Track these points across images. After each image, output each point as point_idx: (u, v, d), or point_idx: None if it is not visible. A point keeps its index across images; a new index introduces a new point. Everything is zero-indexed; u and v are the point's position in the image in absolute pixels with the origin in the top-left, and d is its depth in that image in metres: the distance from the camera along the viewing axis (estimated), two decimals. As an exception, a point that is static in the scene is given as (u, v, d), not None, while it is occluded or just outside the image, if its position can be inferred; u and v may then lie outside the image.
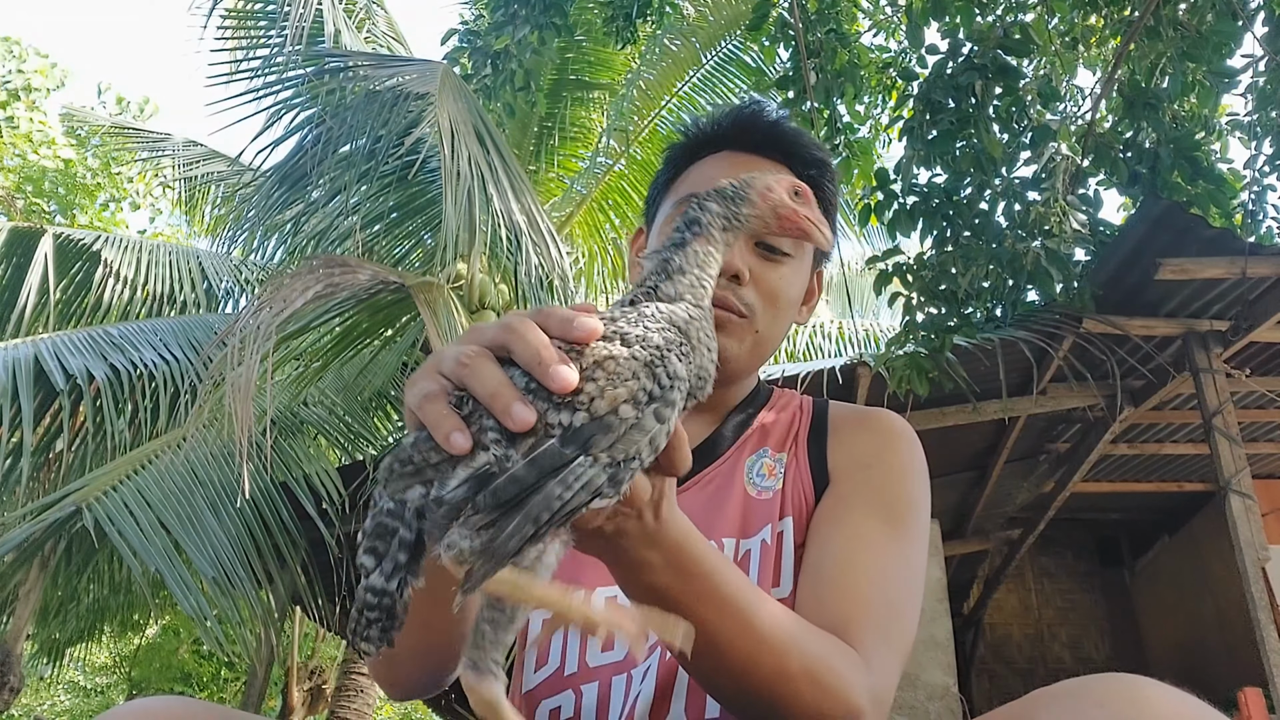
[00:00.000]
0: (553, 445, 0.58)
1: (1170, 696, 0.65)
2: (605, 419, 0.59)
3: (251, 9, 6.65)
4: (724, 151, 1.14)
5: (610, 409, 0.60)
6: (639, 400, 0.61)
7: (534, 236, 4.72)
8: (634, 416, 0.61)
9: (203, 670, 12.36)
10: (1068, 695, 0.68)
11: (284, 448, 5.22)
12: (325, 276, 4.35)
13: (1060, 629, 8.91)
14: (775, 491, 1.05)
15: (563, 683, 0.99)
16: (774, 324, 1.09)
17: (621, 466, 0.60)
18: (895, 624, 0.93)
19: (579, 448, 0.59)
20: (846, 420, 1.13)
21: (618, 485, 0.60)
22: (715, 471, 1.09)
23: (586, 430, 0.59)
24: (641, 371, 0.62)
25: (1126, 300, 5.07)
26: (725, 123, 1.16)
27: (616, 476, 0.60)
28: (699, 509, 1.04)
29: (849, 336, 8.58)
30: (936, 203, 4.36)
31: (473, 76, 5.33)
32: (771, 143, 1.14)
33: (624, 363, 0.61)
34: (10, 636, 5.22)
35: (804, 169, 1.14)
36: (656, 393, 0.62)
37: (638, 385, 0.61)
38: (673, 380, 0.63)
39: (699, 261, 0.73)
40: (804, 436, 1.11)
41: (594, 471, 0.59)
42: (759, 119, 1.15)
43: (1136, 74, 4.62)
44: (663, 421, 0.62)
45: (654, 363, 0.62)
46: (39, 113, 11.99)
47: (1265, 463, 6.88)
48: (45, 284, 6.85)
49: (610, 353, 0.62)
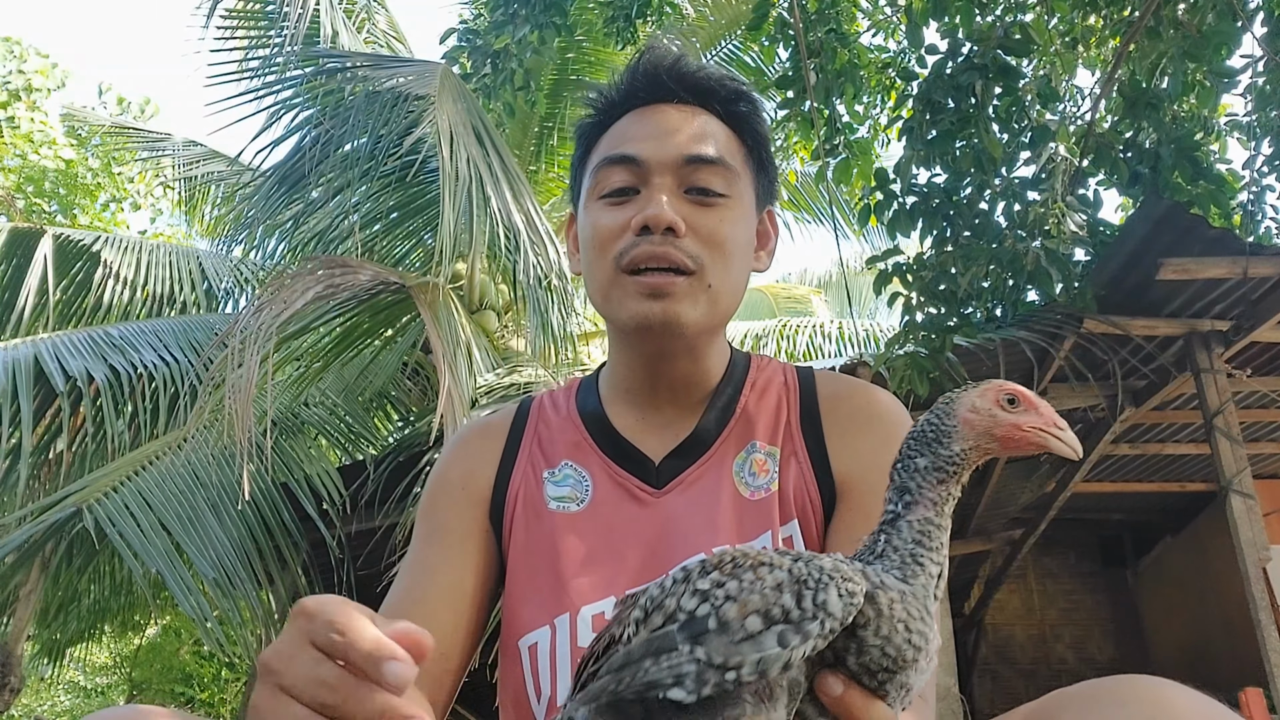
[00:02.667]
0: (670, 631, 0.58)
1: (1193, 700, 0.64)
2: (728, 623, 0.56)
3: (251, 9, 6.65)
4: (633, 110, 1.07)
5: (740, 616, 0.56)
6: (771, 616, 0.56)
7: (533, 237, 4.72)
8: (758, 628, 0.56)
9: (203, 671, 12.36)
10: (1089, 696, 0.67)
11: (284, 448, 5.22)
12: (325, 277, 4.35)
13: (1063, 629, 8.89)
14: (771, 491, 1.00)
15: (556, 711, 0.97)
16: (726, 273, 1.02)
17: (713, 669, 0.55)
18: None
19: (689, 639, 0.57)
20: (840, 403, 1.06)
21: (701, 685, 0.55)
22: (701, 469, 1.03)
23: (704, 626, 0.57)
24: (788, 588, 0.57)
25: (1128, 300, 5.06)
26: (626, 80, 1.09)
27: (703, 676, 0.55)
28: (686, 512, 1.00)
29: (849, 336, 8.57)
30: (936, 203, 4.35)
31: (472, 76, 5.33)
32: (681, 87, 1.06)
33: (774, 575, 0.58)
34: (11, 637, 5.22)
35: (725, 106, 1.08)
36: (794, 614, 0.56)
37: (776, 599, 0.57)
38: (817, 610, 0.56)
39: (914, 537, 0.65)
40: (796, 424, 1.06)
41: (686, 659, 0.56)
42: (659, 65, 1.07)
43: (1136, 74, 4.61)
44: (784, 646, 0.55)
45: (805, 581, 0.57)
46: (40, 113, 11.99)
47: (1267, 463, 6.87)
48: (45, 284, 6.85)
49: (767, 561, 0.59)
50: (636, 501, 1.02)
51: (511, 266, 4.99)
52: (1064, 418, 0.70)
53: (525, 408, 1.16)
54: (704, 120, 1.06)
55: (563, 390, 1.18)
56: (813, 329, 8.67)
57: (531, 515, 1.05)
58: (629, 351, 1.08)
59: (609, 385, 1.13)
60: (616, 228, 1.02)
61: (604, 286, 1.04)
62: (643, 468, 1.04)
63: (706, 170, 1.02)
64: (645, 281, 0.99)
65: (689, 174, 1.02)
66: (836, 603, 0.56)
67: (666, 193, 1.01)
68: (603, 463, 1.06)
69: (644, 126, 1.05)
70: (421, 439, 4.89)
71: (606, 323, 1.09)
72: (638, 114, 1.07)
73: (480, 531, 1.07)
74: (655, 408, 1.09)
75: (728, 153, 1.05)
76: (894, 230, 4.40)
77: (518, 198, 4.78)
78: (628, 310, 1.01)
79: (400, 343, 5.88)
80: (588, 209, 1.07)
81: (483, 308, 6.54)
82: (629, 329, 1.02)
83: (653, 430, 1.07)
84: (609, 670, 0.59)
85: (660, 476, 1.04)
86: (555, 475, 1.07)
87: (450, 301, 4.87)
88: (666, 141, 1.03)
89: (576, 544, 1.00)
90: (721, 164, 1.03)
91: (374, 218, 6.10)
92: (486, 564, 1.06)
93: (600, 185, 1.05)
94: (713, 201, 1.02)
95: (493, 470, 1.09)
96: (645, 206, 1.00)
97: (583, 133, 1.13)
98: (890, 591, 0.60)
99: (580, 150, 1.13)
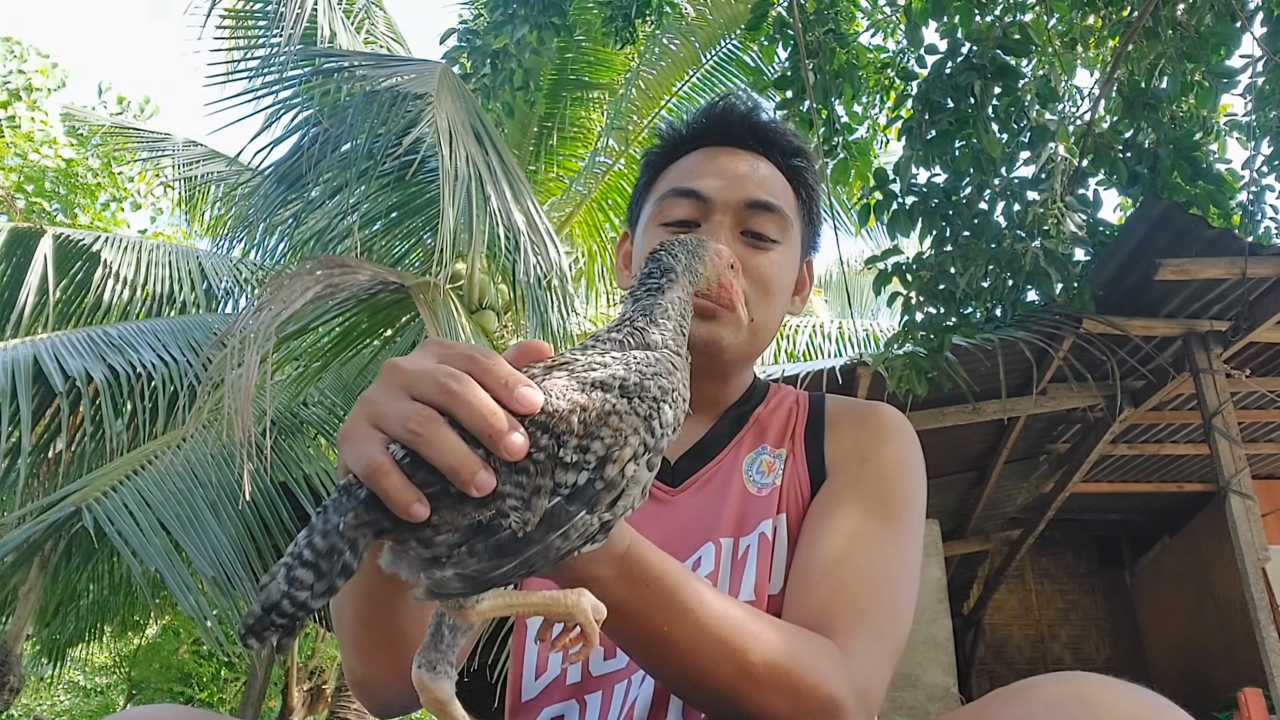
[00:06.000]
0: (560, 504, 0.59)
1: (1123, 696, 0.63)
2: (612, 479, 0.60)
3: (250, 9, 6.65)
4: (701, 148, 1.15)
5: (618, 471, 0.61)
6: (639, 455, 0.62)
7: (532, 236, 4.72)
8: (634, 471, 0.62)
9: (203, 670, 12.37)
10: (1018, 697, 0.67)
11: (284, 448, 5.22)
12: (325, 277, 4.35)
13: (1061, 629, 8.91)
14: (774, 488, 1.04)
15: (565, 691, 0.98)
16: (768, 312, 1.09)
17: (617, 517, 0.62)
18: (882, 616, 0.91)
19: (585, 506, 0.60)
20: (844, 415, 1.12)
21: (609, 531, 0.62)
22: (714, 469, 1.07)
23: (591, 490, 0.60)
24: (641, 426, 0.62)
25: (1127, 300, 5.07)
26: (700, 120, 1.17)
27: (610, 524, 0.62)
28: (698, 509, 1.03)
29: (849, 336, 8.58)
30: (935, 203, 4.36)
31: (472, 76, 5.33)
32: (749, 135, 1.15)
33: (627, 419, 0.61)
34: (10, 636, 5.23)
35: (784, 158, 1.15)
36: (652, 444, 0.63)
37: (639, 440, 0.62)
38: (664, 430, 0.64)
39: (681, 310, 0.75)
40: (801, 432, 1.10)
41: (591, 521, 0.60)
42: (733, 112, 1.16)
43: (1135, 74, 4.62)
44: (653, 470, 0.64)
45: (651, 415, 0.63)
46: (40, 112, 11.98)
47: (1265, 463, 6.87)
48: (44, 284, 6.84)
49: (613, 406, 0.61)
50: (655, 500, 1.06)
51: (511, 266, 5.00)
52: (1063, 418, 0.71)
53: None
54: (767, 169, 1.14)
55: None
56: (813, 329, 8.68)
57: None
58: None
59: None
60: None
61: None
62: (661, 467, 1.06)
63: (764, 216, 1.09)
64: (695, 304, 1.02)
65: (748, 217, 1.09)
66: (671, 416, 0.65)
67: (726, 231, 1.08)
68: None
69: (713, 166, 1.12)
70: (421, 439, 4.88)
71: None
72: (708, 153, 1.14)
73: None
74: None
75: (785, 202, 1.12)
76: (893, 230, 4.40)
77: (517, 197, 4.77)
78: None
79: (400, 342, 5.88)
80: (648, 233, 1.13)
81: (482, 307, 6.54)
82: None
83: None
84: (499, 554, 0.58)
85: (676, 475, 1.08)
86: None
87: (450, 301, 4.88)
88: (733, 184, 1.10)
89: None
90: (779, 212, 1.10)
91: (373, 217, 6.10)
92: None
93: (664, 213, 1.11)
94: (766, 246, 1.09)
95: None
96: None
97: (649, 161, 1.21)
98: (680, 373, 0.68)
99: (645, 177, 1.21)
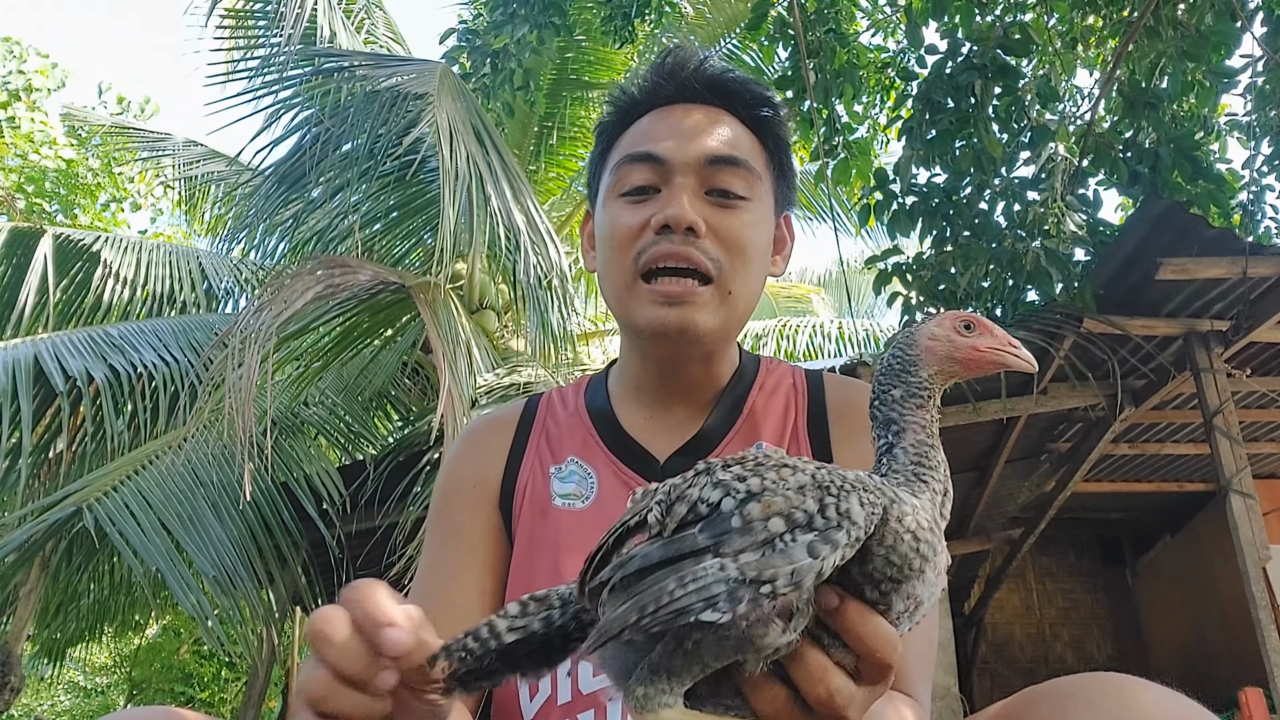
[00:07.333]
0: (691, 534, 0.56)
1: (1162, 697, 0.64)
2: (752, 519, 0.55)
3: (250, 9, 6.65)
4: (655, 110, 1.07)
5: (763, 515, 0.55)
6: (794, 519, 0.55)
7: (532, 236, 4.72)
8: (782, 533, 0.54)
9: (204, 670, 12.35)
10: (1059, 694, 0.67)
11: (284, 448, 5.22)
12: (325, 277, 4.35)
13: (1062, 628, 8.90)
14: None
15: (559, 712, 0.96)
16: (745, 277, 1.02)
17: (747, 585, 0.53)
18: (930, 653, 0.90)
19: (712, 538, 0.55)
20: (848, 410, 1.06)
21: (735, 604, 0.53)
22: None
23: (725, 524, 0.55)
24: (810, 492, 0.56)
25: (1127, 300, 5.06)
26: (650, 78, 1.08)
27: (736, 594, 0.53)
28: None
29: (849, 336, 8.58)
30: (936, 203, 4.36)
31: (472, 76, 5.33)
32: (705, 88, 1.06)
33: (796, 477, 0.56)
34: (11, 637, 5.22)
35: (748, 109, 1.07)
36: (819, 523, 0.55)
37: (800, 502, 0.55)
38: (840, 519, 0.55)
39: (913, 459, 0.65)
40: (804, 428, 1.05)
41: (715, 578, 0.54)
42: (684, 66, 1.06)
43: (1136, 74, 4.62)
44: (815, 557, 0.54)
45: (828, 488, 0.56)
46: (40, 113, 11.98)
47: (1266, 462, 6.87)
48: (45, 284, 6.84)
49: (790, 464, 0.58)
50: None
51: (511, 266, 5.00)
52: (1064, 417, 0.71)
53: (534, 403, 1.17)
54: (727, 122, 1.06)
55: (572, 387, 1.18)
56: (813, 329, 8.69)
57: (537, 511, 1.05)
58: (641, 354, 1.08)
59: (619, 383, 1.13)
60: (636, 226, 1.01)
61: (619, 290, 1.03)
62: (648, 466, 1.05)
63: (728, 172, 1.02)
64: (662, 290, 0.99)
65: (711, 175, 1.02)
66: (859, 511, 0.55)
67: (688, 193, 1.00)
68: (609, 461, 1.06)
69: (667, 125, 1.04)
70: (421, 439, 4.89)
71: (619, 323, 1.08)
72: (661, 113, 1.06)
73: (494, 529, 1.08)
74: (665, 407, 1.09)
75: (750, 156, 1.05)
76: (894, 230, 4.40)
77: (518, 197, 4.77)
78: (643, 316, 1.00)
79: (400, 342, 5.89)
80: (607, 206, 1.06)
81: (483, 307, 6.54)
82: (644, 334, 1.02)
83: (660, 429, 1.08)
84: (623, 586, 0.56)
85: (664, 475, 1.04)
86: (561, 471, 1.07)
87: (450, 301, 4.87)
88: (690, 141, 1.02)
89: (579, 541, 1.01)
90: (744, 166, 1.03)
91: (373, 217, 6.10)
92: (502, 561, 1.07)
93: (621, 183, 1.04)
94: (733, 204, 1.02)
95: (502, 462, 1.10)
96: (666, 205, 0.99)
97: (603, 130, 1.12)
98: (902, 504, 0.59)
99: (600, 147, 1.12)
